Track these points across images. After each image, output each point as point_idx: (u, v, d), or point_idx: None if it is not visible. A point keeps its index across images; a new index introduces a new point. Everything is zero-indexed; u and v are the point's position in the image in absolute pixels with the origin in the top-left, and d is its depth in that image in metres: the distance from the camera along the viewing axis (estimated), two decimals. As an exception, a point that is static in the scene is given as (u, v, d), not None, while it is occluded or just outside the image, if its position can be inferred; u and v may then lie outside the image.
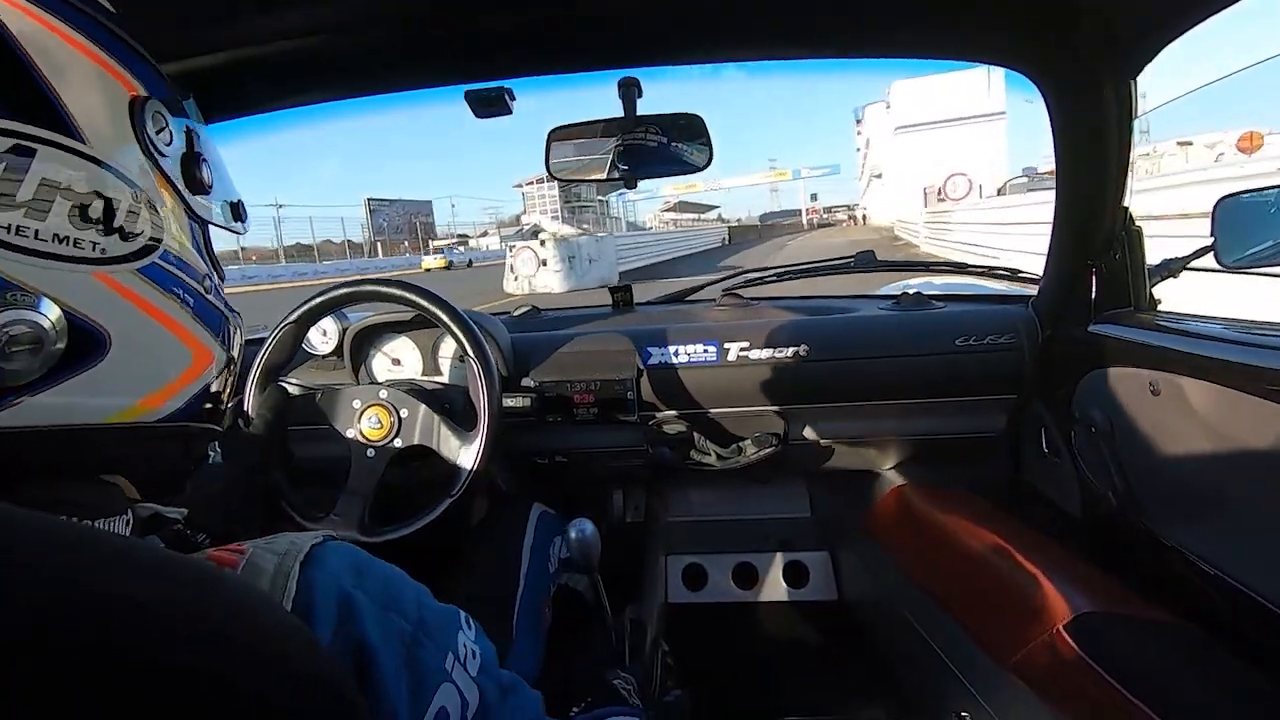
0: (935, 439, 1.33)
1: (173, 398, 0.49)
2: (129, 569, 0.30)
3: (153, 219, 0.46)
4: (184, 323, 0.49)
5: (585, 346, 1.35)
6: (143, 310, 0.46)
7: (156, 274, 0.46)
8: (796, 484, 1.74)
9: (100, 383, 0.44)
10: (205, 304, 0.51)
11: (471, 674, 0.47)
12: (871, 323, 1.33)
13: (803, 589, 1.65)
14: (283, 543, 0.41)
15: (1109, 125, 0.94)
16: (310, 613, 0.39)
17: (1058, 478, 1.15)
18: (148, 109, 0.46)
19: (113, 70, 0.45)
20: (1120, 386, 0.97)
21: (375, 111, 1.09)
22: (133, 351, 0.45)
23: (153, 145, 0.47)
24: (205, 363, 0.52)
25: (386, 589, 0.44)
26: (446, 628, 0.47)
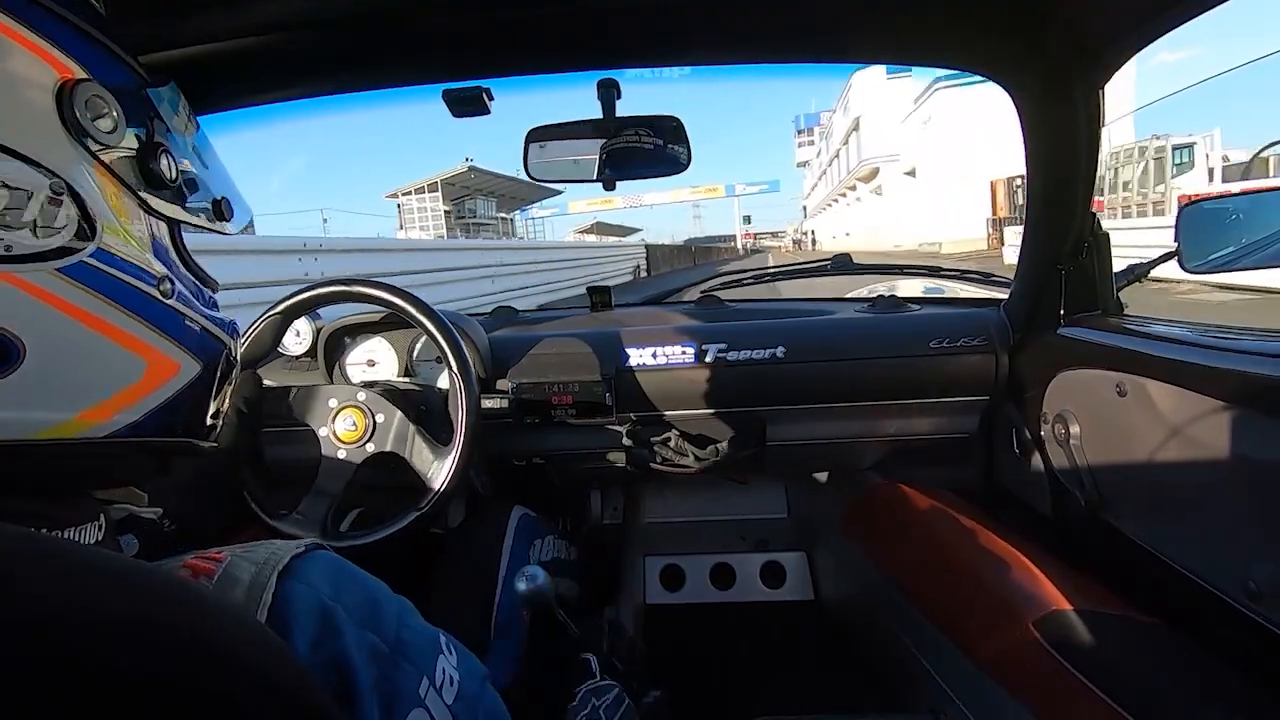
0: (910, 440, 1.35)
1: (122, 411, 0.44)
2: (93, 581, 0.29)
3: (81, 212, 0.41)
4: (129, 330, 0.44)
5: (563, 348, 1.35)
6: (67, 315, 0.41)
7: (87, 274, 0.41)
8: (774, 485, 1.75)
9: (16, 395, 0.39)
10: (165, 310, 0.47)
11: (447, 702, 0.45)
12: (847, 325, 1.34)
13: (779, 589, 1.66)
14: (262, 552, 0.41)
15: (1078, 132, 0.96)
16: (287, 625, 0.38)
17: (1029, 478, 1.17)
18: (80, 93, 0.42)
19: (39, 51, 0.41)
20: (1088, 388, 0.99)
21: (345, 110, 1.07)
22: (56, 361, 0.41)
23: (86, 132, 0.42)
24: (168, 374, 0.47)
25: (366, 604, 0.43)
26: (425, 651, 0.46)
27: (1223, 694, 0.73)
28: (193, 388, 0.50)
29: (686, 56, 1.00)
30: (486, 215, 40.78)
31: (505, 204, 43.25)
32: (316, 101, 1.01)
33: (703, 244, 61.67)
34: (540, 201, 52.36)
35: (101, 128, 0.43)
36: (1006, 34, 0.92)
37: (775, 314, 1.46)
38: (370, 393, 1.09)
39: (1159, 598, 0.86)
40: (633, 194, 71.87)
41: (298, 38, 0.83)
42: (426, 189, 33.94)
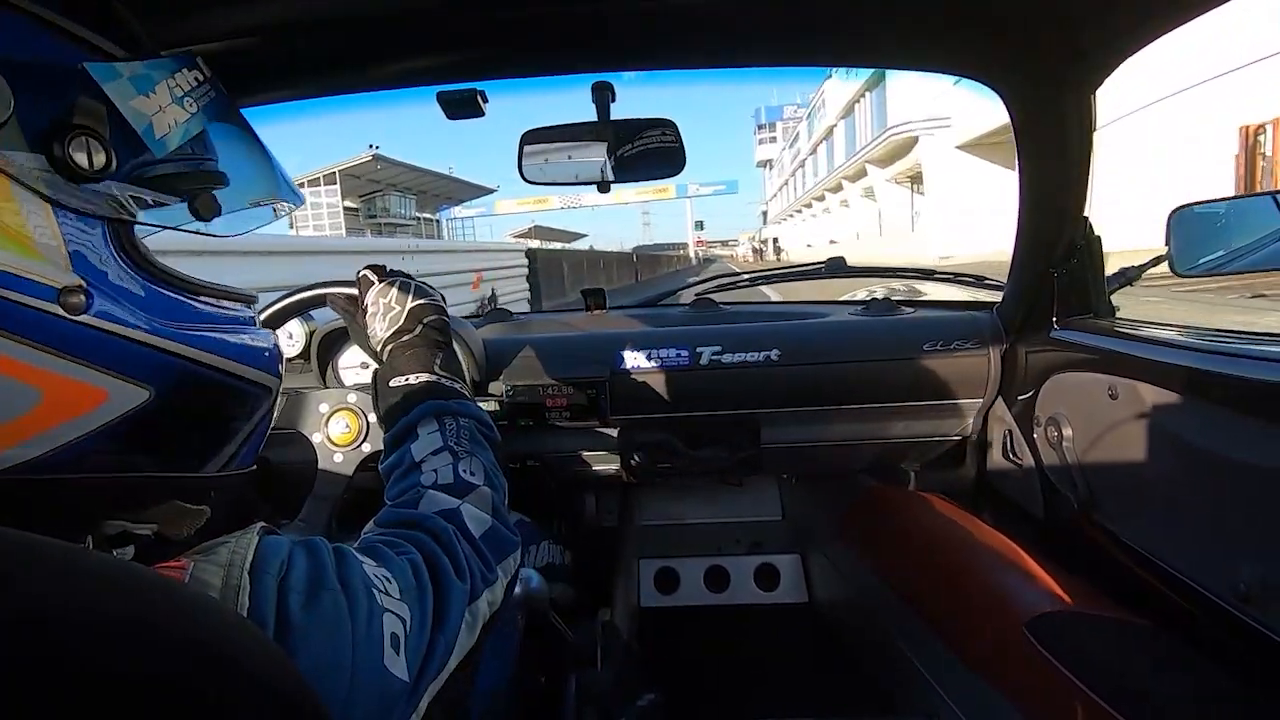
0: (904, 442, 1.36)
1: (20, 445, 0.38)
2: (86, 581, 0.29)
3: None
4: (7, 352, 0.37)
5: (557, 350, 1.34)
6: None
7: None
8: (768, 487, 1.76)
9: None
10: (70, 327, 0.39)
11: (395, 596, 0.47)
12: (841, 328, 1.35)
13: (774, 592, 1.66)
14: (223, 554, 0.39)
15: (1070, 136, 0.97)
16: (265, 621, 0.38)
17: (1021, 480, 1.17)
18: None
19: None
20: (1080, 391, 1.00)
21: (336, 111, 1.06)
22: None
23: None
24: (85, 402, 0.40)
25: (309, 569, 0.44)
26: (353, 569, 0.46)
27: (1213, 695, 0.73)
28: (147, 416, 0.43)
29: (683, 60, 1.00)
30: (402, 214, 36.10)
31: (427, 202, 39.71)
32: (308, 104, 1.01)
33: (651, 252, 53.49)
34: (468, 200, 48.35)
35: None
36: (999, 39, 0.92)
37: (769, 316, 1.46)
38: (362, 395, 1.08)
39: (1150, 599, 0.87)
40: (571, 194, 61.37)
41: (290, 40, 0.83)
42: (322, 180, 27.97)
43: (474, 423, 0.73)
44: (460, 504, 0.61)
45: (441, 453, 0.66)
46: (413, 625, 0.47)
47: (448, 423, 0.70)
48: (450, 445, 0.67)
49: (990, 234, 15.44)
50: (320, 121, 2.51)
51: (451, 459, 0.66)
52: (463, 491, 0.63)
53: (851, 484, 1.50)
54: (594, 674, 0.97)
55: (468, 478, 0.64)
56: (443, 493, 0.62)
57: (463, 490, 0.63)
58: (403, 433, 0.69)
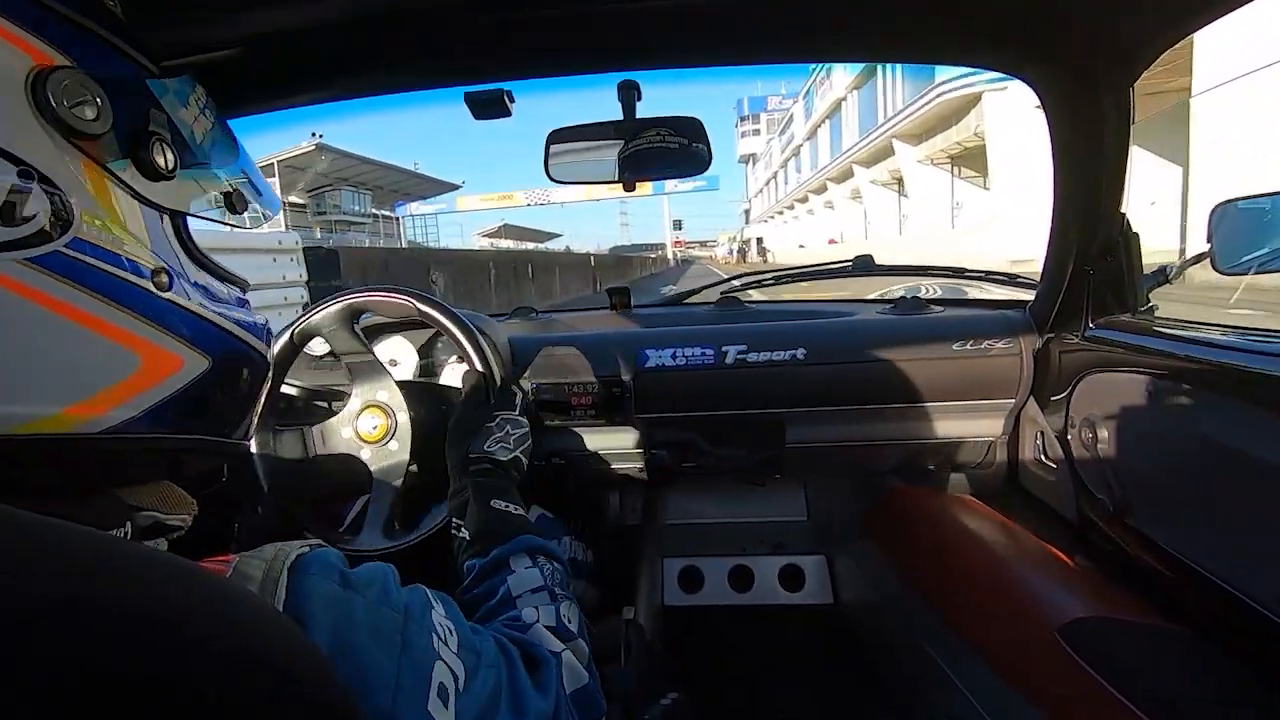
0: (932, 443, 1.34)
1: (118, 406, 0.43)
2: (116, 567, 0.30)
3: (55, 201, 0.40)
4: (117, 322, 0.43)
5: (582, 348, 1.35)
6: (40, 305, 0.39)
7: (63, 265, 0.40)
8: (793, 487, 1.74)
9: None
10: (160, 303, 0.45)
11: (453, 649, 0.48)
12: (869, 327, 1.33)
13: (798, 592, 1.65)
14: (268, 551, 0.41)
15: (1107, 131, 0.94)
16: (303, 617, 0.39)
17: (1054, 482, 1.15)
18: (57, 79, 0.40)
19: (10, 36, 0.40)
20: (1116, 391, 0.97)
21: (367, 112, 1.06)
22: (28, 351, 0.39)
23: (62, 120, 0.41)
24: (166, 369, 0.46)
25: (372, 584, 0.45)
26: (423, 610, 0.48)
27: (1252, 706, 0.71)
28: (203, 384, 0.48)
29: (710, 57, 0.99)
30: (356, 210, 34.74)
31: (385, 198, 38.42)
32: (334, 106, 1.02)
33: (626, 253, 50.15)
34: (432, 197, 45.77)
35: (83, 115, 0.42)
36: (1035, 32, 0.90)
37: (795, 315, 1.45)
38: (391, 391, 1.10)
39: (1188, 606, 0.84)
40: (539, 190, 57.53)
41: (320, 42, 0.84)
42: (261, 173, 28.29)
43: (563, 569, 0.74)
44: (563, 650, 0.61)
45: (541, 592, 0.67)
46: (464, 687, 0.47)
47: (543, 562, 0.71)
48: (550, 587, 0.68)
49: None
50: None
51: (551, 600, 0.66)
52: (565, 638, 0.63)
53: (878, 485, 1.48)
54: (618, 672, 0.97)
55: (569, 625, 0.65)
56: (549, 633, 0.62)
57: (565, 636, 0.63)
58: (498, 563, 0.70)
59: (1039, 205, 7.35)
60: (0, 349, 0.38)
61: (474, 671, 0.49)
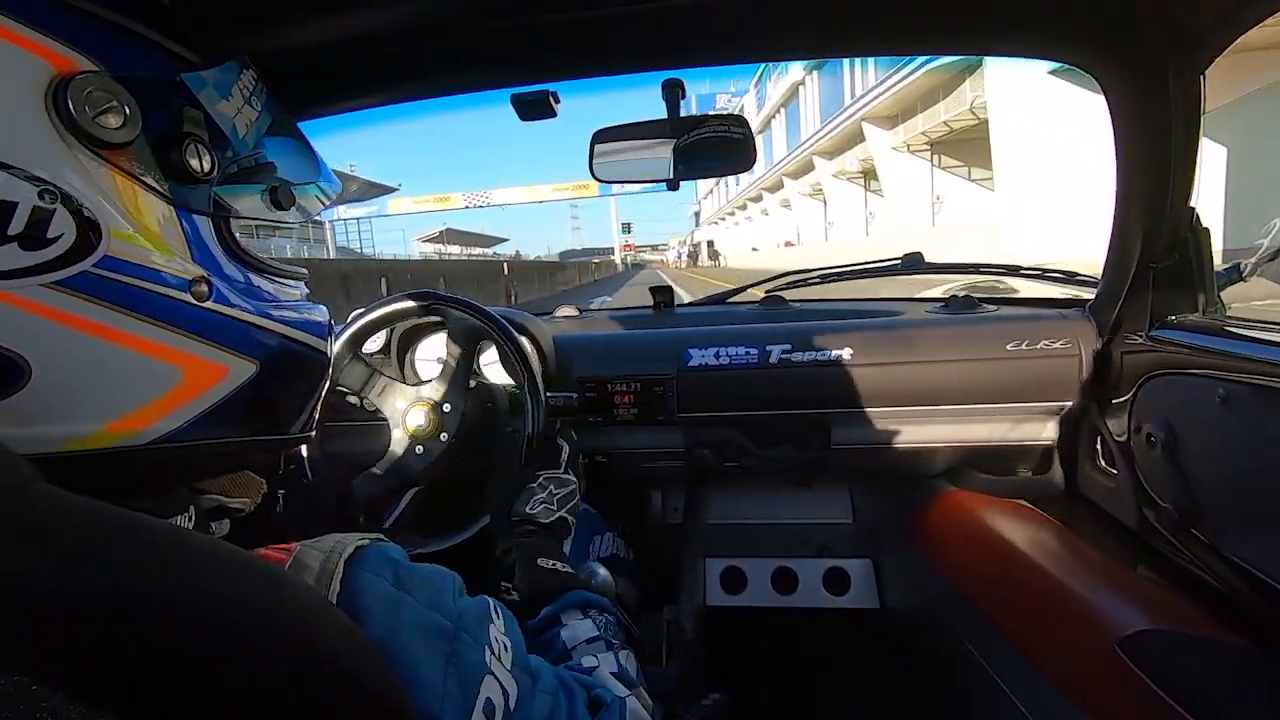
0: (984, 446, 1.30)
1: (162, 418, 0.43)
2: (173, 557, 0.31)
3: (80, 220, 0.38)
4: (154, 338, 0.42)
5: (625, 347, 1.36)
6: (73, 329, 0.38)
7: (92, 285, 0.39)
8: (839, 489, 1.71)
9: (26, 411, 0.38)
10: (199, 313, 0.44)
11: (506, 666, 0.47)
12: (918, 326, 1.30)
13: (844, 596, 1.62)
14: (328, 541, 0.42)
15: (1175, 121, 0.90)
16: (356, 611, 0.40)
17: (1114, 489, 1.10)
18: (78, 87, 0.38)
19: (27, 44, 0.38)
20: (1185, 395, 0.93)
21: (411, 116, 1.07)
22: (66, 376, 0.39)
23: (85, 131, 0.39)
24: (211, 379, 0.45)
25: (428, 586, 0.45)
26: (480, 621, 0.47)
27: None
28: (251, 388, 0.48)
29: (757, 53, 0.98)
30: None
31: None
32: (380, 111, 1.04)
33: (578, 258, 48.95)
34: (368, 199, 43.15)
35: (107, 124, 0.40)
36: (1098, 17, 0.87)
37: (842, 314, 1.42)
38: (436, 387, 1.12)
39: (1256, 619, 0.80)
40: (478, 192, 54.65)
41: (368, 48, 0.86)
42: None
43: (614, 621, 0.74)
44: (628, 695, 0.60)
45: (597, 642, 0.67)
46: (514, 705, 0.46)
47: (594, 615, 0.72)
48: (605, 637, 0.68)
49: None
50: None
51: (609, 649, 0.66)
52: (629, 685, 0.62)
53: (927, 488, 1.45)
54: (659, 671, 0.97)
55: (630, 673, 0.64)
56: (616, 679, 0.62)
57: (629, 684, 0.62)
58: (550, 620, 0.71)
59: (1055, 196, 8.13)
60: (35, 373, 0.38)
61: (528, 695, 0.47)
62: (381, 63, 0.92)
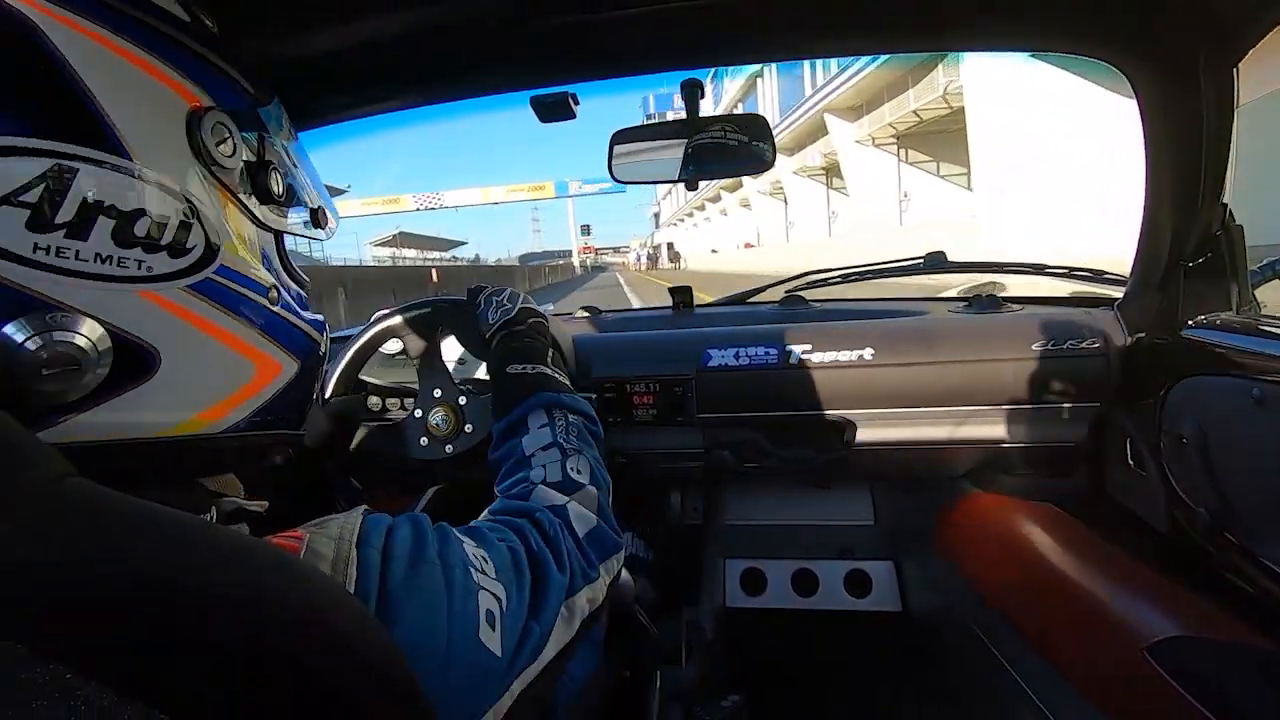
0: (1009, 448, 1.28)
1: (234, 410, 0.49)
2: (196, 549, 0.32)
3: (207, 233, 0.45)
4: (243, 337, 0.49)
5: (644, 347, 1.36)
6: (195, 327, 0.45)
7: (211, 289, 0.46)
8: (860, 490, 1.70)
9: (149, 399, 0.44)
10: (272, 316, 0.51)
11: (492, 575, 0.50)
12: (941, 325, 1.28)
13: (865, 599, 1.61)
14: (334, 527, 0.44)
15: (1207, 117, 0.88)
16: (368, 594, 0.41)
17: (1144, 492, 1.08)
18: (207, 121, 0.45)
19: (169, 81, 0.44)
20: (1218, 396, 0.91)
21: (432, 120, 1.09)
22: (184, 368, 0.45)
23: (211, 157, 0.46)
24: (271, 375, 0.52)
25: (411, 541, 0.47)
26: (452, 546, 0.49)
27: None
28: (292, 385, 0.54)
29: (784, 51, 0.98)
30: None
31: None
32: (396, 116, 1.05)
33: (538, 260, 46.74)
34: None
35: (223, 152, 0.47)
36: (1129, 12, 0.85)
37: (862, 314, 1.41)
38: (461, 389, 1.13)
39: None
40: (429, 194, 54.49)
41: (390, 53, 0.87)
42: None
43: (582, 419, 0.76)
44: (568, 501, 0.63)
45: (551, 449, 0.69)
46: (509, 605, 0.49)
47: (557, 417, 0.73)
48: (559, 442, 0.70)
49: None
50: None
51: (560, 455, 0.69)
52: (570, 490, 0.65)
53: (950, 490, 1.43)
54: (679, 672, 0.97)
55: (575, 476, 0.67)
56: (552, 489, 0.65)
57: (570, 489, 0.65)
58: (515, 424, 0.73)
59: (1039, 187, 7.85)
60: (164, 364, 0.44)
61: (511, 584, 0.51)
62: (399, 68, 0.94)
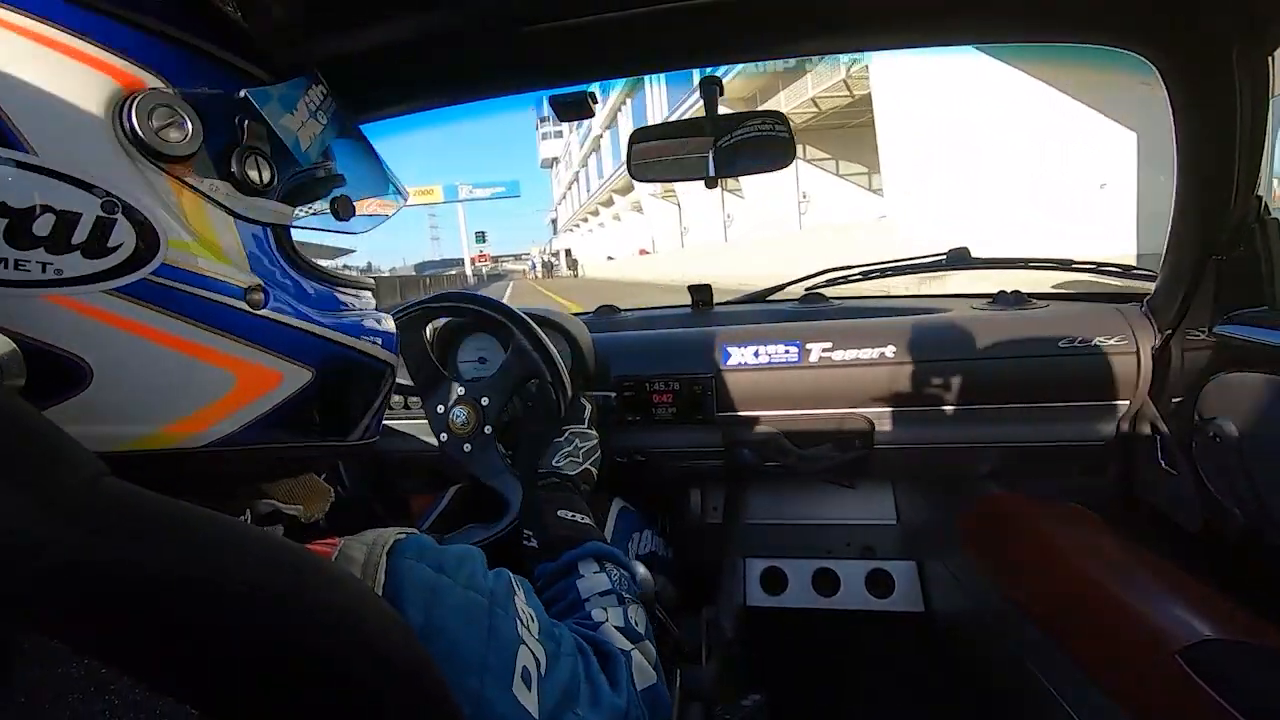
0: (1035, 447, 1.26)
1: (220, 422, 0.45)
2: (229, 547, 0.32)
3: (139, 231, 0.40)
4: (209, 343, 0.43)
5: (664, 346, 1.35)
6: (133, 334, 0.40)
7: (151, 292, 0.40)
8: (882, 489, 1.68)
9: (91, 411, 0.40)
10: (253, 320, 0.45)
11: (535, 635, 0.49)
12: (965, 323, 1.27)
13: (887, 599, 1.59)
14: (370, 535, 0.44)
15: (1241, 107, 0.86)
16: (399, 599, 0.42)
17: (1175, 492, 1.05)
18: (142, 105, 0.40)
19: (95, 61, 0.39)
20: (1253, 393, 0.88)
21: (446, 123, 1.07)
22: (128, 378, 0.41)
23: (150, 146, 0.40)
24: (265, 384, 0.47)
25: (463, 567, 0.47)
26: (508, 595, 0.49)
27: None
28: (307, 395, 0.49)
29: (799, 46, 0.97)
30: None
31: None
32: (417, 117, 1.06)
33: (434, 269, 42.37)
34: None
35: (169, 138, 0.41)
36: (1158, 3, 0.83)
37: (884, 312, 1.40)
38: (481, 388, 1.14)
39: None
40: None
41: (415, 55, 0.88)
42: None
43: (629, 575, 0.76)
44: (632, 649, 0.63)
45: (609, 595, 0.69)
46: (545, 670, 0.48)
47: (610, 568, 0.73)
48: (617, 591, 0.70)
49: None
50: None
51: (620, 604, 0.68)
52: (634, 639, 0.65)
53: (975, 490, 1.41)
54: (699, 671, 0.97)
55: (636, 627, 0.67)
56: (617, 632, 0.64)
57: (633, 637, 0.65)
58: (567, 568, 0.73)
59: (953, 180, 7.11)
60: (96, 375, 0.39)
61: (554, 658, 0.50)
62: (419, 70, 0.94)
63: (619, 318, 1.65)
